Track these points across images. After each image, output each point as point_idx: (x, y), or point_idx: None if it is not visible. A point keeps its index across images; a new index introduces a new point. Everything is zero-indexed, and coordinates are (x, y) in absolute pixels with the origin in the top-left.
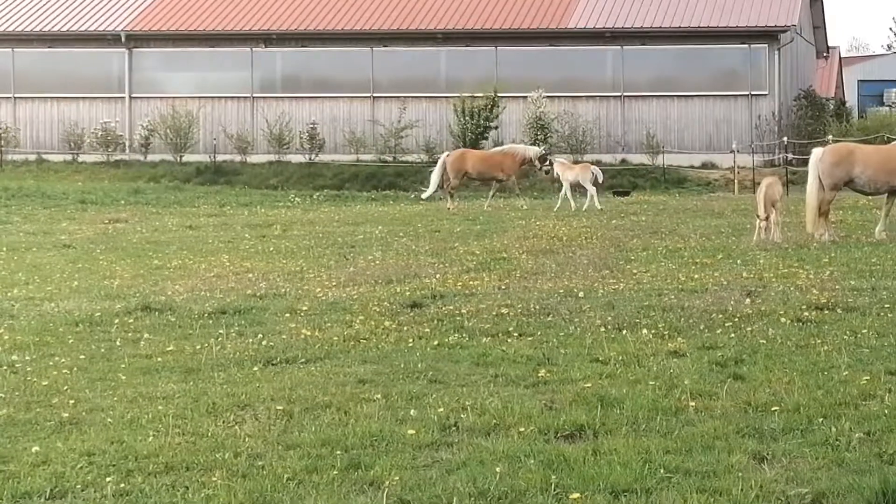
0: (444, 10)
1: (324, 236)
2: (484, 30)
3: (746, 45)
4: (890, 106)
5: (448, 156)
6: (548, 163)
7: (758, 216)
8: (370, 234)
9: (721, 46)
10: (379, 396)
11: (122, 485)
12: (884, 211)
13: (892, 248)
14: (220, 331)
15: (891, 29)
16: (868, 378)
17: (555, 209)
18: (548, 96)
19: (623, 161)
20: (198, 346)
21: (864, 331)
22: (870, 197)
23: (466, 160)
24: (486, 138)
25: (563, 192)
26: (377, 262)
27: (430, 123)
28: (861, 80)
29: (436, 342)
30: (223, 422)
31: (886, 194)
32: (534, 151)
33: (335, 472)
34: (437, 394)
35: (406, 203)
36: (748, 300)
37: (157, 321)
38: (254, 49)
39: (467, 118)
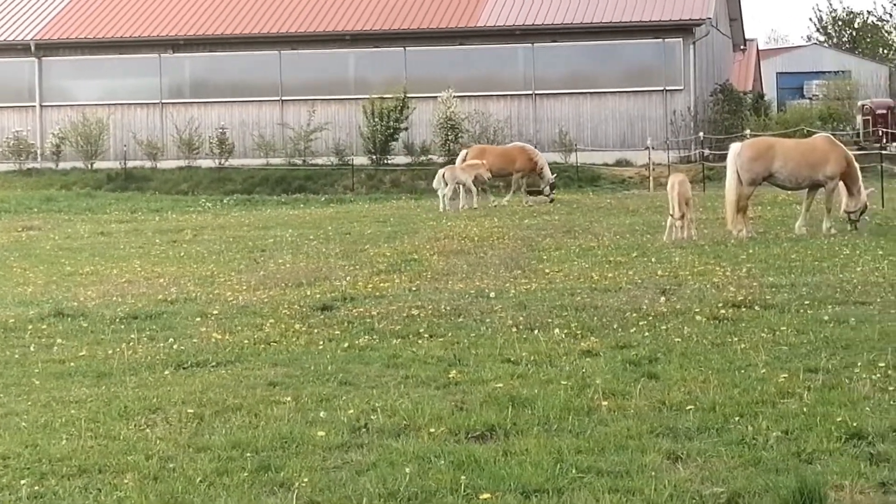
0: (351, 11)
1: (234, 240)
2: (392, 30)
3: (660, 40)
4: (810, 98)
5: (468, 151)
6: (552, 191)
7: (671, 216)
8: (280, 237)
9: (634, 42)
10: (289, 399)
11: (37, 487)
12: (804, 206)
13: (812, 243)
14: (132, 335)
15: (811, 20)
16: (786, 376)
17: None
18: (458, 96)
19: None
20: (110, 351)
21: (783, 328)
22: (790, 192)
23: (487, 155)
24: (397, 139)
25: (446, 192)
26: (287, 265)
27: (340, 126)
28: (780, 73)
29: (346, 344)
30: (135, 425)
31: (807, 189)
32: (548, 171)
33: (245, 474)
34: (347, 395)
35: (317, 205)
36: (663, 298)
37: (69, 327)
38: (162, 55)
39: (377, 120)
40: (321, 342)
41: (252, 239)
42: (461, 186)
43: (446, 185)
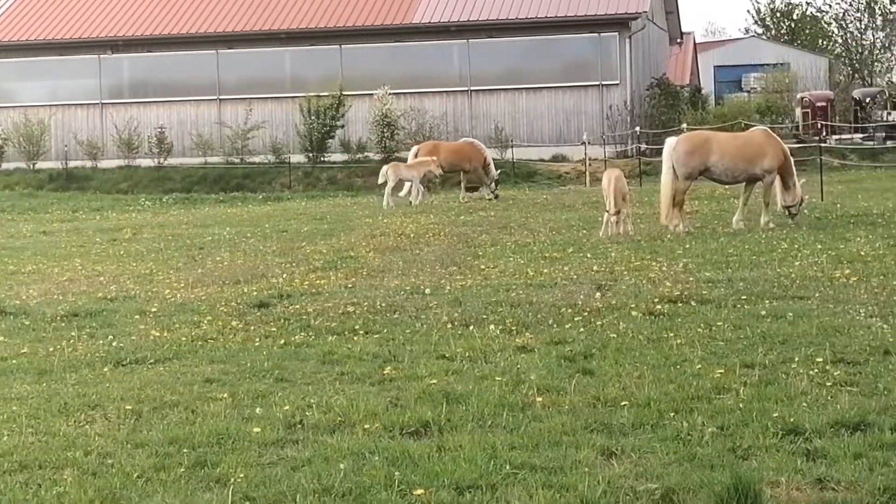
0: (287, 9)
1: (173, 239)
2: (328, 28)
3: (596, 34)
4: (748, 92)
5: (420, 147)
6: (497, 187)
7: (607, 211)
8: (218, 235)
9: (570, 36)
10: (225, 395)
11: None
12: (741, 200)
13: (749, 238)
14: (73, 333)
15: (748, 12)
16: (722, 371)
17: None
18: (394, 93)
19: None
20: (51, 349)
21: (719, 323)
22: (727, 186)
23: (439, 152)
24: (333, 137)
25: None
26: (225, 263)
27: (277, 124)
28: (718, 66)
29: (282, 341)
30: (74, 421)
31: (744, 183)
32: (493, 167)
33: (182, 470)
34: (282, 392)
35: (254, 203)
36: (598, 294)
37: (11, 325)
38: (101, 56)
39: (313, 118)
40: (258, 339)
41: (190, 237)
42: (410, 183)
43: (389, 181)
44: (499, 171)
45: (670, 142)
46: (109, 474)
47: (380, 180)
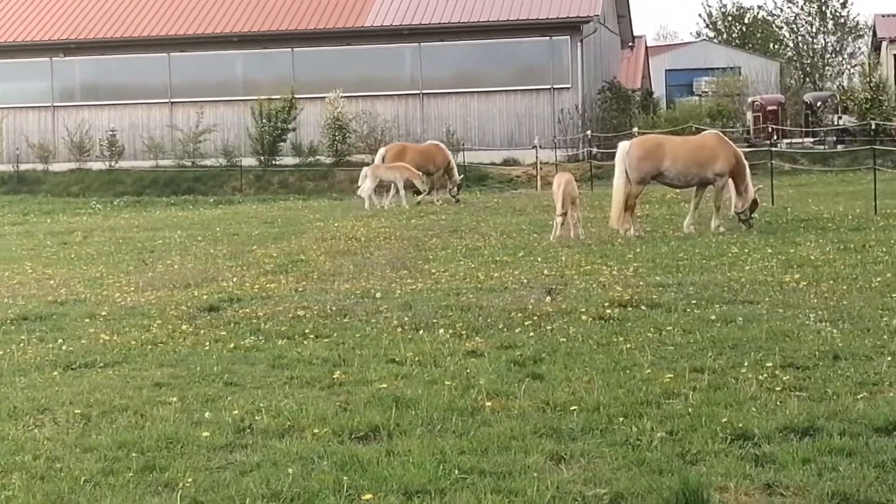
0: (239, 12)
1: (124, 242)
2: (280, 31)
3: (548, 38)
4: (700, 95)
5: (387, 150)
6: (459, 191)
7: (558, 215)
8: (169, 239)
9: (522, 40)
10: (175, 399)
11: None
12: (692, 204)
13: (700, 242)
14: (22, 336)
15: (700, 15)
16: (672, 376)
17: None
18: (346, 96)
19: None
20: (0, 352)
21: (669, 328)
22: (678, 190)
23: (407, 153)
24: (285, 140)
25: (363, 193)
26: (176, 266)
27: (229, 127)
28: (669, 70)
29: (232, 345)
30: (23, 425)
31: (696, 187)
32: (455, 171)
33: (131, 474)
34: (232, 396)
35: (205, 207)
36: (549, 298)
37: None
38: (53, 59)
39: (265, 121)
40: (207, 343)
41: (141, 240)
42: (394, 185)
43: (368, 182)
44: (461, 176)
45: (623, 146)
46: (58, 479)
47: (359, 182)
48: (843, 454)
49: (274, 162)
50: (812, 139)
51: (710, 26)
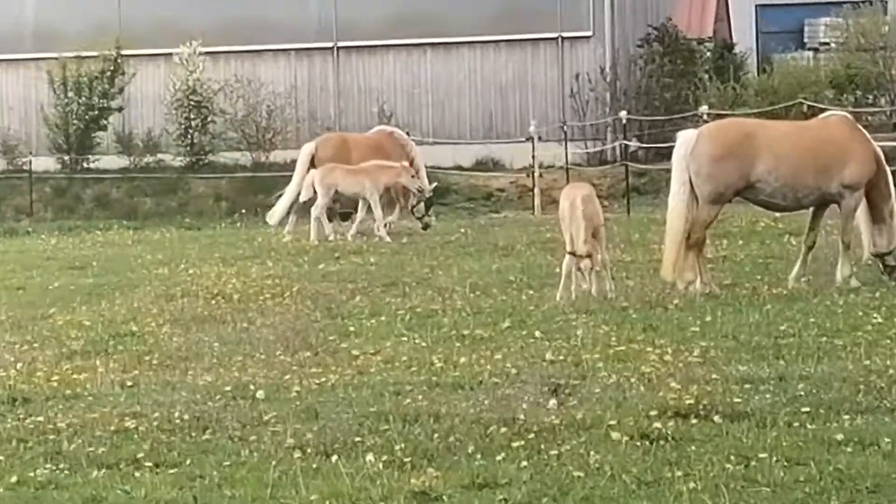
0: None
1: None
2: None
3: None
4: (815, 49)
5: (319, 145)
6: (428, 211)
7: (570, 252)
8: None
9: None
10: None
11: None
12: (805, 239)
13: (817, 305)
14: None
15: None
16: None
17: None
18: (208, 52)
19: None
20: None
21: (763, 455)
22: (779, 214)
23: (349, 149)
24: (105, 128)
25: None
26: None
27: (11, 105)
28: (763, 6)
29: (14, 478)
30: None
31: (811, 209)
32: (424, 174)
33: None
34: None
35: None
36: (553, 401)
37: None
38: None
39: (72, 94)
40: None
41: None
42: (361, 202)
43: (318, 196)
44: (433, 185)
45: (686, 138)
46: None
47: (301, 195)
48: None
49: (86, 164)
50: None
51: None
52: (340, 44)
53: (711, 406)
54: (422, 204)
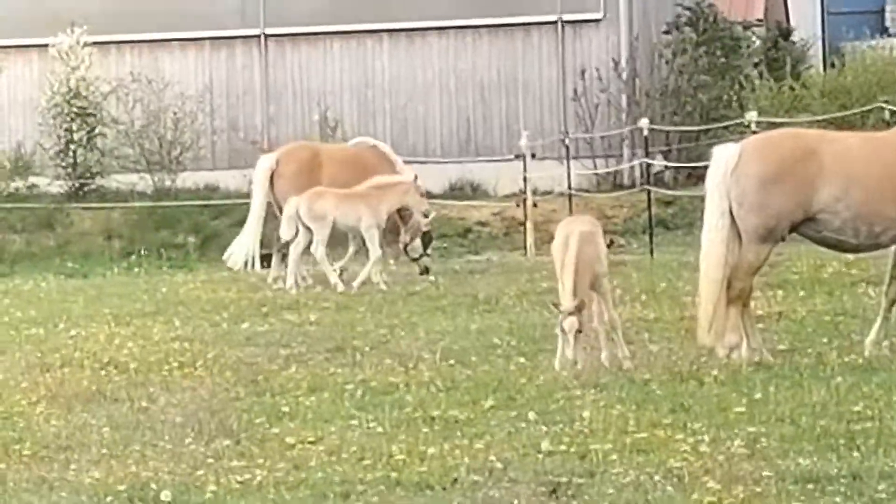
0: None
1: None
2: None
3: None
4: None
5: (281, 158)
6: (426, 250)
7: (561, 311)
8: None
9: None
10: None
11: None
12: (887, 291)
13: None
14: None
15: None
16: None
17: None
18: (96, 43)
19: None
20: None
21: None
22: (852, 257)
23: (320, 165)
24: None
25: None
26: None
27: None
28: None
29: None
30: None
31: (893, 249)
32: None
33: None
34: None
35: None
36: None
37: None
38: None
39: None
40: None
41: None
42: (360, 237)
43: (298, 230)
44: (432, 214)
45: (725, 154)
46: None
47: (283, 233)
48: None
49: None
50: None
51: None
52: (269, 31)
53: None
54: (418, 240)
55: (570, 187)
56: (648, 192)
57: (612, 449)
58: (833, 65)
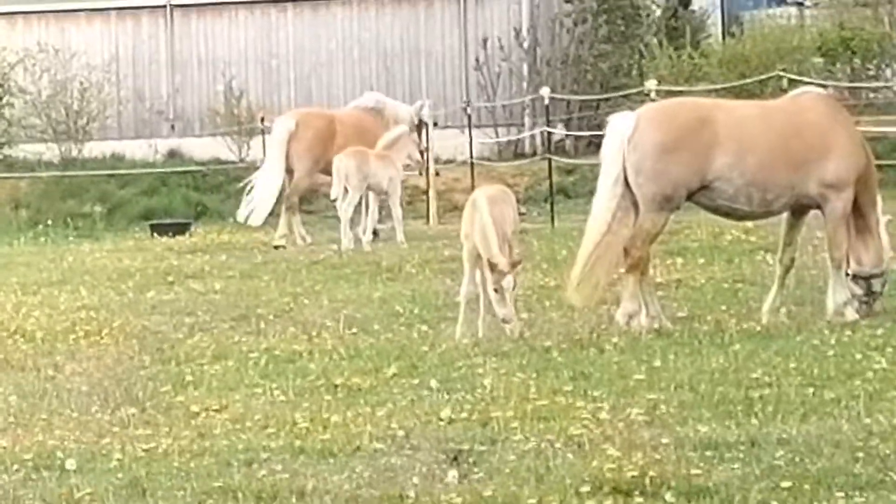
0: None
1: None
2: None
3: None
4: (799, 3)
5: (300, 121)
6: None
7: (490, 265)
8: None
9: None
10: None
11: None
12: (780, 258)
13: (800, 345)
14: None
15: None
16: None
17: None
18: (2, 14)
19: (174, 155)
20: None
21: None
22: (749, 223)
23: (335, 129)
24: None
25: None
26: None
27: None
28: None
29: None
30: None
31: (787, 215)
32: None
33: None
34: None
35: None
36: (453, 473)
37: None
38: None
39: None
40: None
41: None
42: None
43: (347, 192)
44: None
45: (621, 122)
46: None
47: (333, 193)
48: None
49: None
50: None
51: None
52: (175, 1)
53: (661, 480)
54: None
55: (472, 156)
56: (549, 161)
57: (513, 416)
58: (732, 34)
